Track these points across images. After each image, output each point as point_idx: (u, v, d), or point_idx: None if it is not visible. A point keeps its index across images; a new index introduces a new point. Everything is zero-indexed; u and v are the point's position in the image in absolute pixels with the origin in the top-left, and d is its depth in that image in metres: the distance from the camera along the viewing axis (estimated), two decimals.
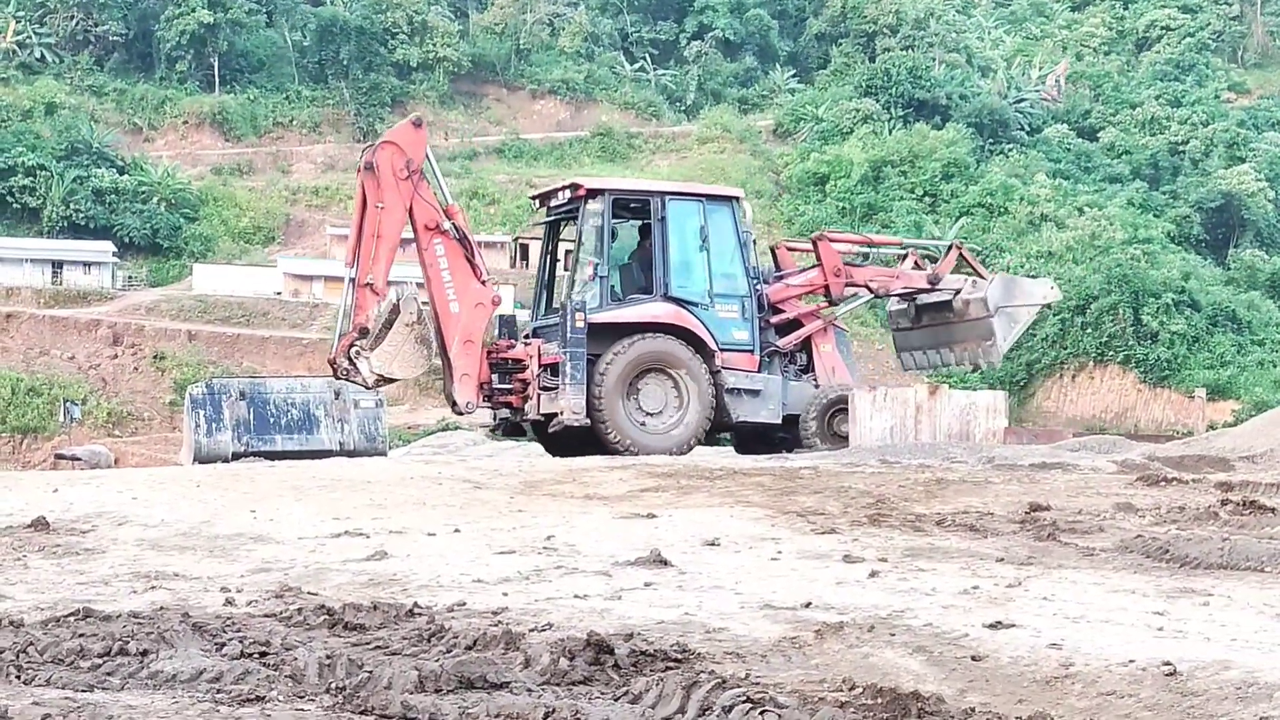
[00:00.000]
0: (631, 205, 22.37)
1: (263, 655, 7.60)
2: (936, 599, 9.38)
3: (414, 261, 21.70)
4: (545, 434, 22.05)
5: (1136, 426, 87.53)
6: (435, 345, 21.04)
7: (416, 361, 20.88)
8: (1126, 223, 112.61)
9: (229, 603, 9.34)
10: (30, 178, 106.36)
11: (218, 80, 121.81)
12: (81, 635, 7.86)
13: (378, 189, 20.91)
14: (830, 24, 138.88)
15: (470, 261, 21.23)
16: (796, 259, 23.91)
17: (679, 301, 21.77)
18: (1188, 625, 8.55)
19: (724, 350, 21.83)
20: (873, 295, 23.92)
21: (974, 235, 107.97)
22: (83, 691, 6.87)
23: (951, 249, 24.65)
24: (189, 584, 10.16)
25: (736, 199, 22.80)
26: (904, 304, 24.45)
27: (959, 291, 23.58)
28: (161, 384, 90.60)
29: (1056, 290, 25.53)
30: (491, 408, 22.00)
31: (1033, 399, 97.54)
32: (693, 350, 21.58)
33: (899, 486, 15.13)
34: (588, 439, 21.13)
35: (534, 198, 24.14)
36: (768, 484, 15.36)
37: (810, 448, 21.39)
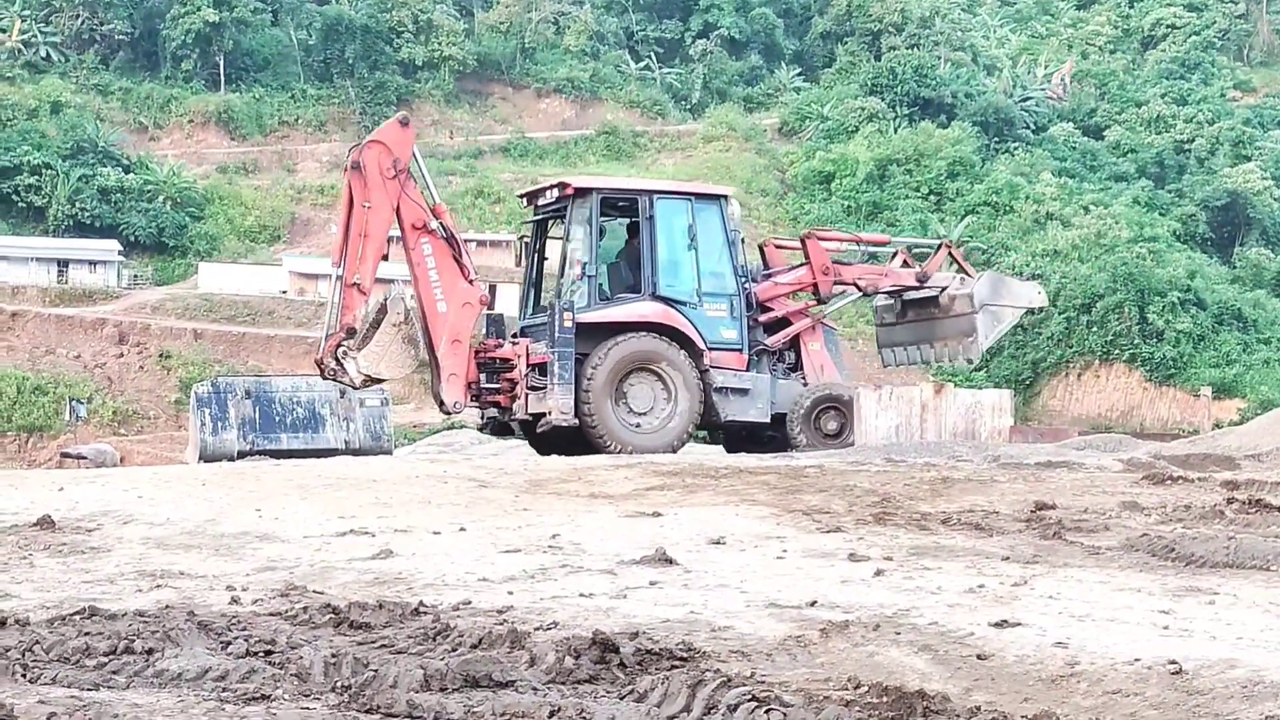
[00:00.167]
0: (619, 204, 22.30)
1: (268, 654, 7.60)
2: (942, 598, 9.37)
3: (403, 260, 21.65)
4: (533, 433, 22.00)
5: (1142, 425, 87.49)
6: (423, 345, 20.97)
7: (404, 361, 20.83)
8: (1132, 221, 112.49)
9: (234, 601, 9.34)
10: (36, 176, 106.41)
11: (223, 79, 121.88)
12: (87, 634, 7.86)
13: (365, 188, 20.82)
14: (835, 22, 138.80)
15: (458, 261, 21.16)
16: (785, 257, 23.84)
17: (667, 300, 21.71)
18: (1193, 624, 8.54)
19: (712, 349, 21.76)
20: (861, 293, 23.84)
21: (979, 234, 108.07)
22: (88, 690, 6.87)
23: (941, 247, 24.54)
24: (194, 582, 10.16)
25: (724, 197, 22.74)
26: (890, 300, 24.41)
27: (946, 288, 23.55)
28: (167, 383, 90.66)
29: (1043, 296, 25.38)
30: (479, 407, 21.94)
31: (1038, 397, 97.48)
32: (681, 349, 21.52)
33: (904, 485, 15.12)
34: (576, 438, 21.06)
35: (522, 196, 24.06)
36: (773, 483, 15.35)
37: (797, 446, 21.36)
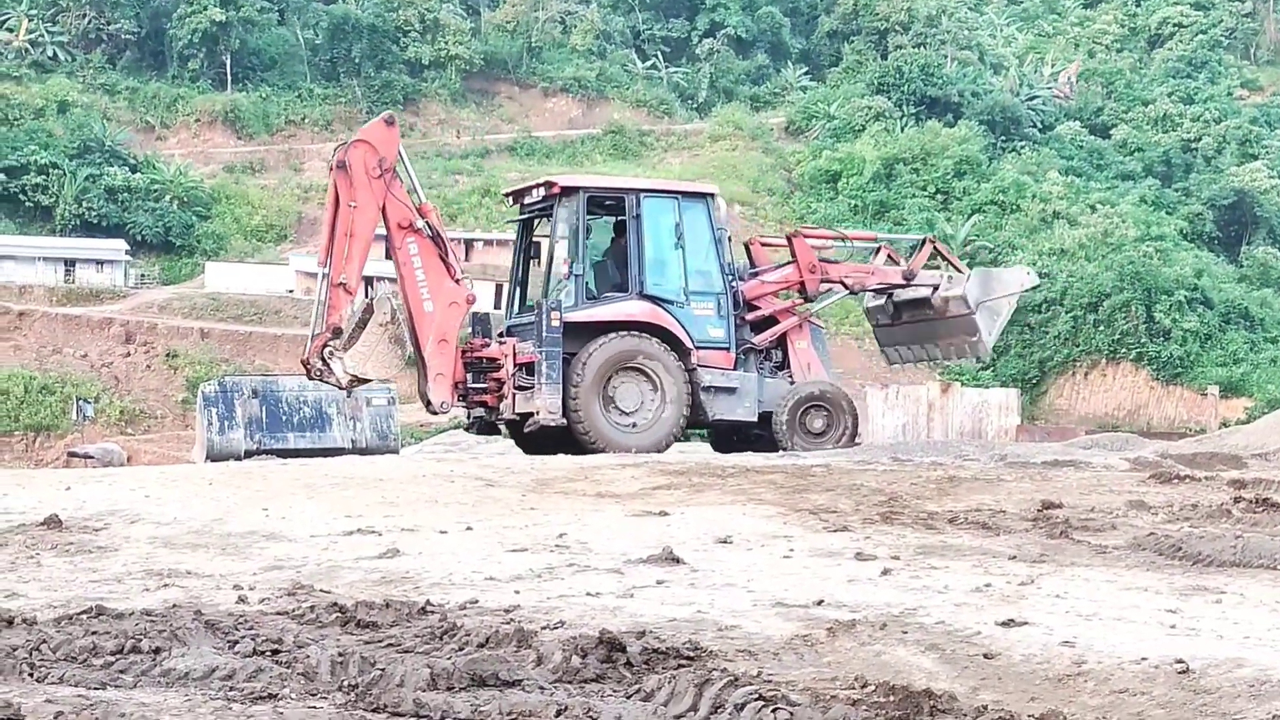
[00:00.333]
0: (606, 203, 22.16)
1: (275, 653, 7.60)
2: (949, 597, 9.37)
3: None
4: (519, 433, 21.92)
5: (1149, 424, 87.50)
6: (409, 345, 20.91)
7: (391, 362, 20.77)
8: (1139, 220, 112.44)
9: (241, 600, 9.35)
10: (43, 176, 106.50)
11: (230, 78, 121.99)
12: (94, 633, 7.86)
13: (350, 188, 20.65)
14: (842, 21, 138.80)
15: (444, 260, 21.00)
16: (771, 255, 23.75)
17: (654, 299, 21.58)
18: (1200, 623, 8.54)
19: (700, 348, 21.62)
20: (848, 291, 23.72)
21: (986, 233, 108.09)
22: (95, 689, 6.88)
23: (924, 243, 24.33)
24: (201, 582, 10.17)
25: (711, 195, 22.63)
26: (880, 300, 24.31)
27: (936, 288, 23.36)
28: (174, 382, 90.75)
29: (1033, 275, 25.34)
30: (466, 407, 21.85)
31: (1045, 397, 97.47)
32: (669, 348, 21.41)
33: (911, 484, 15.11)
34: (562, 438, 20.93)
35: (507, 195, 23.91)
36: (780, 482, 15.34)
37: (782, 445, 21.33)
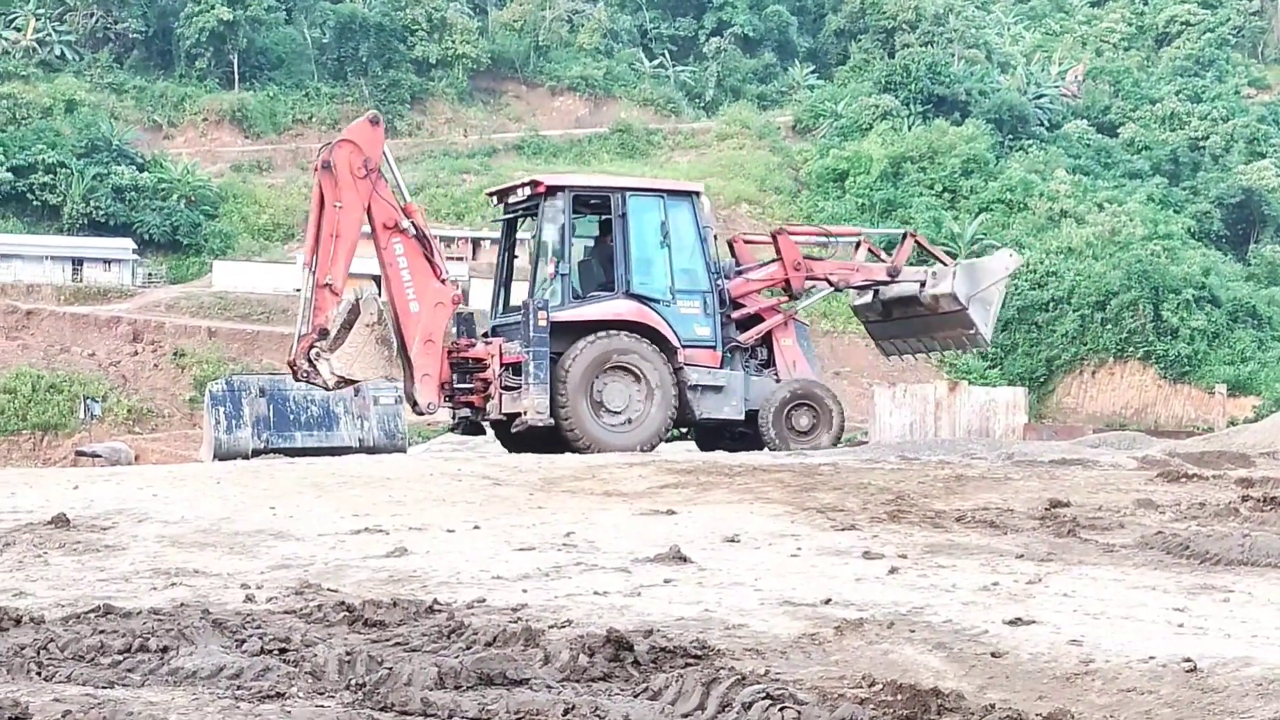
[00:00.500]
0: (591, 201, 22.18)
1: (283, 652, 7.61)
2: (956, 595, 9.37)
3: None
4: (505, 433, 21.88)
5: (1156, 423, 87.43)
6: (395, 345, 20.87)
7: (377, 362, 20.74)
8: (1146, 218, 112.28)
9: (249, 599, 9.35)
10: (50, 175, 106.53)
11: (237, 77, 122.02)
12: (102, 632, 7.87)
13: (335, 188, 20.73)
14: (849, 20, 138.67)
15: (429, 260, 20.99)
16: (756, 253, 23.71)
17: (641, 298, 21.58)
18: (1208, 622, 8.53)
19: (686, 347, 21.63)
20: (833, 288, 23.73)
21: (993, 231, 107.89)
22: (103, 688, 6.89)
23: (906, 238, 24.24)
24: (209, 581, 10.18)
25: (696, 194, 22.66)
26: (868, 297, 24.26)
27: (923, 284, 23.29)
28: (181, 381, 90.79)
29: (1017, 257, 25.35)
30: (452, 408, 21.82)
31: (1052, 395, 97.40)
32: (655, 347, 21.42)
33: (919, 483, 15.10)
34: (549, 438, 20.91)
35: (491, 194, 23.88)
36: (787, 480, 15.34)
37: (769, 444, 21.30)
